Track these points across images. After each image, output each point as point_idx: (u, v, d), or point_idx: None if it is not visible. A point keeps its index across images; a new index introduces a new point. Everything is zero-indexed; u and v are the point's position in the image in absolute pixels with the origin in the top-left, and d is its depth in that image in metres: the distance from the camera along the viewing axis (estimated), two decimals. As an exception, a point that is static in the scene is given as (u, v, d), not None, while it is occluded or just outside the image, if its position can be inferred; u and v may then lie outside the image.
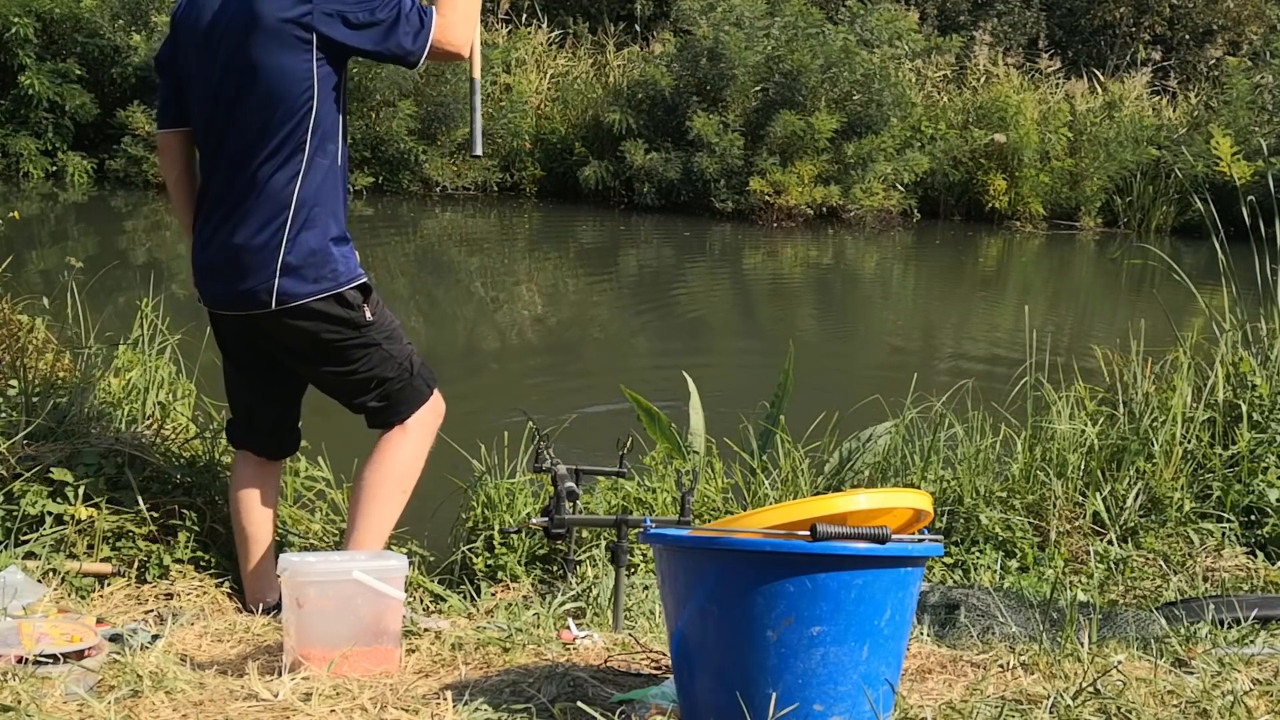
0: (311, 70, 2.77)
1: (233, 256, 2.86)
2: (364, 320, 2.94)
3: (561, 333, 8.50)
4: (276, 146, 2.80)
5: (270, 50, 2.75)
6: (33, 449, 3.25)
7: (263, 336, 2.98)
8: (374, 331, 2.97)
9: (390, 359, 3.00)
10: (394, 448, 3.06)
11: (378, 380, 3.01)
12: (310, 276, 2.85)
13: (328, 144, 2.86)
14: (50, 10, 13.22)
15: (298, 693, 2.24)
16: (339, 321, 2.91)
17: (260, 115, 2.79)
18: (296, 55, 2.76)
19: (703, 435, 4.38)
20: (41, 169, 13.04)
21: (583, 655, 2.63)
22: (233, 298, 2.90)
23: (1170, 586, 3.52)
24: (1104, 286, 11.96)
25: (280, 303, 2.84)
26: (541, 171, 14.21)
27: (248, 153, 2.82)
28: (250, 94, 2.79)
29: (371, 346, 2.98)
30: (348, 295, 2.91)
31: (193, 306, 3.14)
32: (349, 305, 2.91)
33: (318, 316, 2.89)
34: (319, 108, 2.81)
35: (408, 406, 3.06)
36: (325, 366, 3.00)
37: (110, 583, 3.11)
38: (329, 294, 2.88)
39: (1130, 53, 16.83)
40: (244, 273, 2.85)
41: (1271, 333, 4.58)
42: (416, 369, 3.06)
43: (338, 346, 2.95)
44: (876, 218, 13.54)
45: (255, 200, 2.83)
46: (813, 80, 13.07)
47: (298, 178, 2.82)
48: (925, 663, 2.56)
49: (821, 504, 2.20)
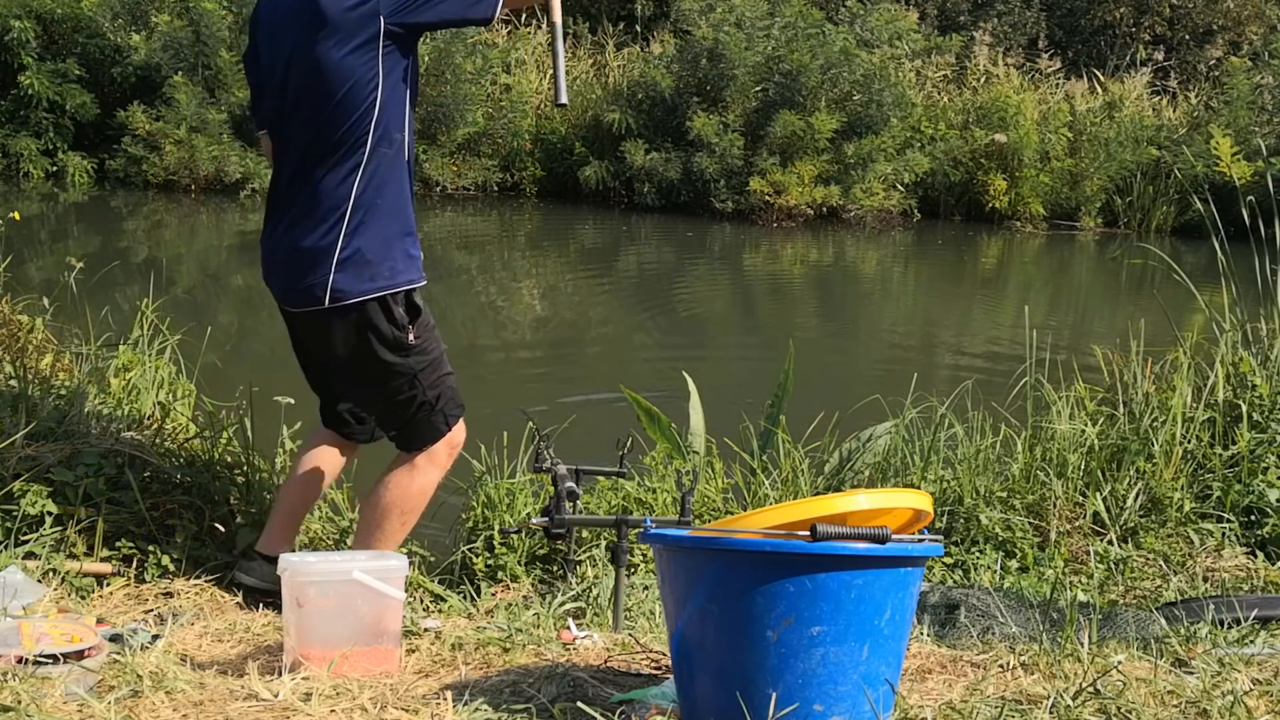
0: (376, 63, 2.72)
1: (292, 252, 2.85)
2: (407, 343, 2.88)
3: (561, 333, 8.50)
4: (337, 142, 2.76)
5: (333, 46, 2.70)
6: (33, 449, 3.25)
7: (310, 338, 2.97)
8: (413, 358, 2.91)
9: (418, 389, 2.94)
10: (398, 481, 3.02)
11: (399, 406, 2.96)
12: (366, 274, 2.80)
13: (392, 132, 2.79)
14: (51, 10, 13.22)
15: (298, 693, 2.24)
16: (381, 339, 2.86)
17: (323, 112, 2.75)
18: (361, 49, 2.70)
19: (703, 435, 4.38)
20: (42, 169, 13.03)
21: (583, 655, 2.63)
22: (291, 293, 2.89)
23: (1170, 586, 3.51)
24: (1104, 286, 11.96)
25: (334, 299, 2.80)
26: (541, 171, 14.22)
27: (310, 149, 2.79)
28: (313, 91, 2.75)
29: (404, 375, 2.91)
30: (395, 309, 2.85)
31: (193, 307, 3.15)
32: (395, 321, 2.85)
33: (366, 321, 2.84)
34: (383, 99, 2.75)
35: (420, 440, 3.01)
36: (356, 380, 2.97)
37: (110, 583, 3.11)
38: (383, 293, 2.82)
39: (1130, 53, 16.83)
40: (302, 269, 2.83)
41: (1271, 333, 4.58)
42: (441, 404, 2.98)
43: (374, 365, 2.89)
44: (876, 218, 13.54)
45: (314, 196, 2.80)
46: (813, 80, 13.07)
47: (357, 172, 2.77)
48: (925, 663, 2.56)
49: (821, 504, 2.20)
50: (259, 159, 12.90)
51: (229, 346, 7.01)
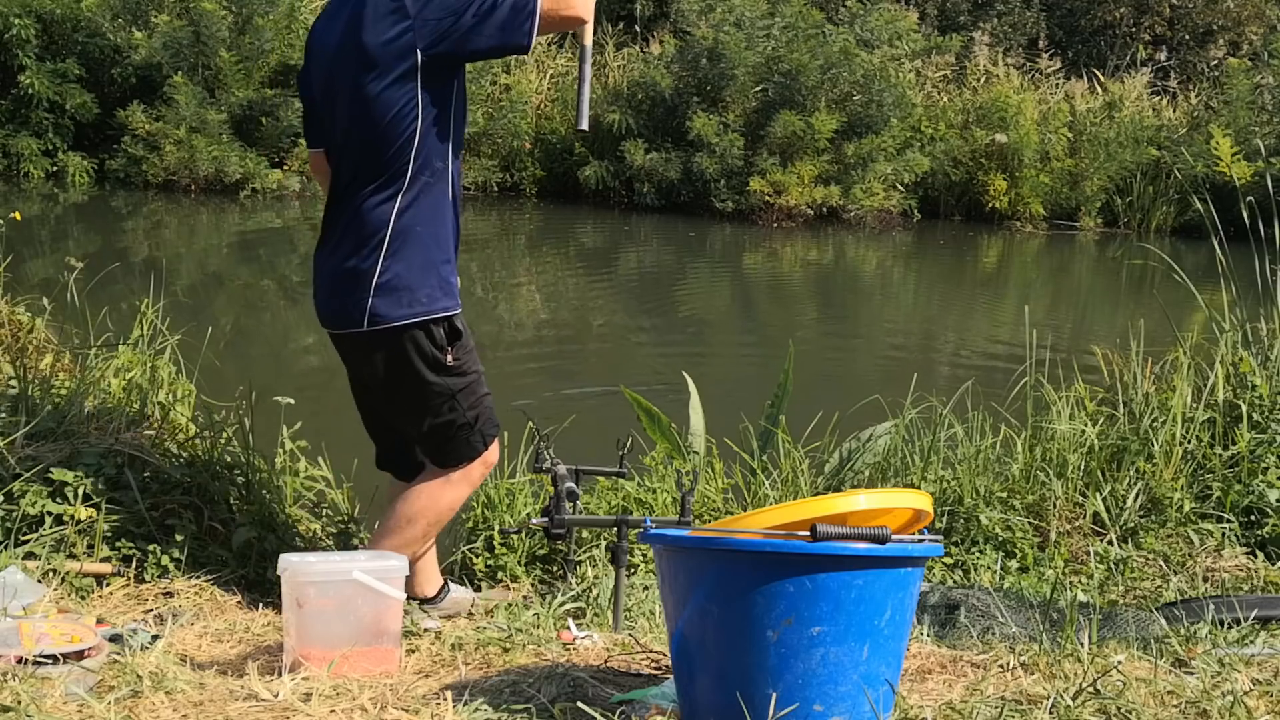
0: (415, 95, 2.76)
1: (334, 275, 2.89)
2: (446, 364, 2.90)
3: (561, 333, 8.50)
4: (379, 170, 2.81)
5: (374, 79, 2.75)
6: (33, 449, 3.25)
7: (351, 358, 2.99)
8: (452, 379, 2.92)
9: (458, 411, 2.95)
10: (431, 491, 3.01)
11: (439, 428, 2.96)
12: (404, 300, 2.82)
13: (434, 161, 2.83)
14: (51, 10, 13.22)
15: (298, 693, 2.24)
16: (423, 359, 2.87)
17: (366, 141, 2.81)
18: (399, 82, 2.74)
19: (703, 435, 4.38)
20: (42, 169, 13.03)
21: (583, 655, 2.63)
22: (333, 316, 2.93)
23: (1170, 586, 3.51)
24: (1104, 286, 11.96)
25: (372, 324, 2.83)
26: (541, 171, 14.22)
27: (355, 175, 2.84)
28: (358, 121, 2.80)
29: (443, 396, 2.92)
30: (435, 331, 2.87)
31: (193, 307, 3.15)
32: (435, 342, 2.87)
33: (404, 345, 2.86)
34: (423, 129, 2.79)
35: (456, 458, 3.00)
36: (396, 400, 2.97)
37: (110, 583, 3.11)
38: (419, 319, 2.84)
39: (1130, 53, 16.83)
40: (342, 292, 2.87)
41: (1271, 333, 4.58)
42: (479, 425, 2.99)
43: (414, 383, 2.90)
44: (876, 218, 13.54)
45: (356, 220, 2.84)
46: (812, 80, 13.07)
47: (397, 199, 2.81)
48: (925, 663, 2.56)
49: (821, 504, 2.20)
50: (259, 159, 12.90)
51: (229, 346, 7.01)
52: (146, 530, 3.23)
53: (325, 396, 3.12)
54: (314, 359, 7.09)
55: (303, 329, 7.84)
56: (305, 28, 13.83)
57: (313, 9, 14.44)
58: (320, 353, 7.35)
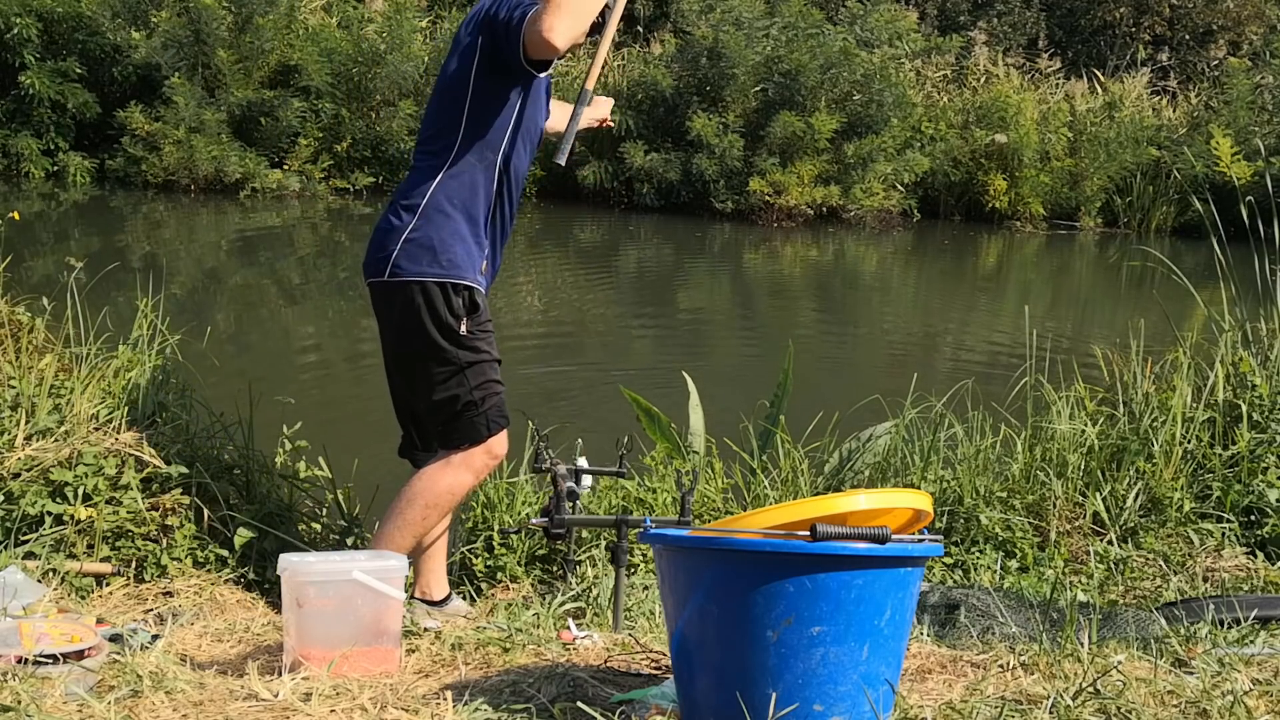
0: (469, 77, 2.91)
1: (378, 229, 3.05)
2: (458, 332, 2.95)
3: (561, 333, 8.50)
4: (432, 138, 2.99)
5: (451, 57, 2.98)
6: (33, 449, 3.25)
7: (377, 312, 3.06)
8: (463, 351, 2.97)
9: (465, 387, 2.98)
10: (431, 474, 3.04)
11: (443, 402, 2.99)
12: (426, 259, 2.93)
13: (486, 153, 2.96)
14: (51, 9, 13.22)
15: (298, 693, 2.24)
16: (436, 320, 2.94)
17: (430, 111, 3.03)
18: (462, 62, 2.93)
19: (702, 435, 4.38)
20: (42, 169, 13.03)
21: (583, 655, 2.63)
22: (367, 265, 3.05)
23: (1170, 586, 3.51)
24: (1104, 286, 11.97)
25: (393, 274, 2.94)
26: (541, 171, 14.21)
27: (420, 144, 3.06)
28: (435, 94, 3.04)
29: (452, 366, 2.97)
30: (453, 298, 2.94)
31: (193, 307, 3.15)
32: (451, 308, 2.94)
33: (419, 303, 2.94)
34: (472, 112, 2.93)
35: (460, 438, 3.03)
36: (406, 364, 3.02)
37: (110, 582, 3.11)
38: (438, 279, 2.93)
39: (1130, 53, 16.83)
40: (376, 244, 3.02)
41: (1271, 333, 4.58)
42: (485, 408, 3.02)
43: (423, 345, 2.96)
44: (876, 218, 13.54)
45: (407, 184, 3.02)
46: (812, 80, 13.07)
47: (440, 173, 2.95)
48: (925, 663, 2.56)
49: (821, 504, 2.20)
50: (259, 159, 12.91)
51: (229, 346, 7.01)
52: (146, 530, 3.23)
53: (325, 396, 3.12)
54: (314, 358, 7.10)
55: (303, 329, 7.84)
56: (305, 28, 13.85)
57: (312, 9, 14.44)
58: (320, 352, 7.35)
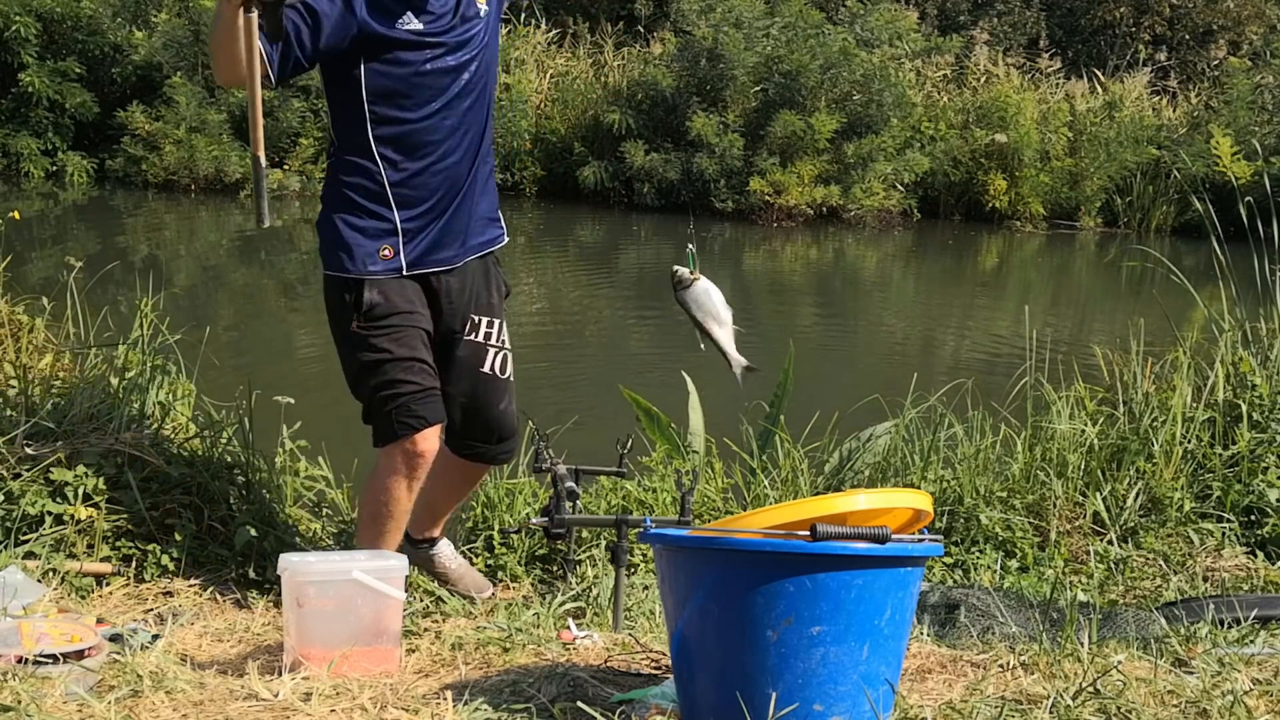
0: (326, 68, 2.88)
1: None
2: (347, 329, 2.93)
3: (561, 332, 8.50)
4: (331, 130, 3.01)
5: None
6: (33, 449, 3.25)
7: None
8: (357, 349, 2.93)
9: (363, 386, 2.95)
10: (371, 474, 3.04)
11: (357, 393, 3.00)
12: (325, 254, 2.97)
13: (355, 136, 2.88)
14: (51, 9, 13.21)
15: (298, 693, 2.24)
16: (331, 317, 2.99)
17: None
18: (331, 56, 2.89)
19: (702, 435, 4.38)
20: (41, 169, 13.03)
21: (583, 655, 2.63)
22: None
23: (1170, 586, 3.51)
24: (1104, 286, 11.96)
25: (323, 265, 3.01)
26: (541, 171, 14.21)
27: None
28: None
29: (349, 364, 2.97)
30: (343, 294, 2.93)
31: (193, 306, 3.16)
32: (340, 303, 2.94)
33: (327, 298, 2.99)
34: (329, 98, 2.94)
35: (376, 437, 3.00)
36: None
37: (110, 582, 3.11)
38: (332, 275, 2.95)
39: (1130, 53, 16.82)
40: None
41: (1271, 333, 4.58)
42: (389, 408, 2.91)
43: (334, 336, 3.01)
44: (876, 218, 13.54)
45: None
46: (812, 80, 13.07)
47: (330, 164, 2.99)
48: (925, 663, 2.56)
49: (821, 504, 2.20)
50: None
51: (229, 346, 7.01)
52: (146, 530, 3.23)
53: (325, 396, 3.12)
54: (314, 358, 7.09)
55: (302, 329, 7.84)
56: (305, 27, 13.82)
57: (312, 9, 14.41)
58: (320, 352, 7.34)
